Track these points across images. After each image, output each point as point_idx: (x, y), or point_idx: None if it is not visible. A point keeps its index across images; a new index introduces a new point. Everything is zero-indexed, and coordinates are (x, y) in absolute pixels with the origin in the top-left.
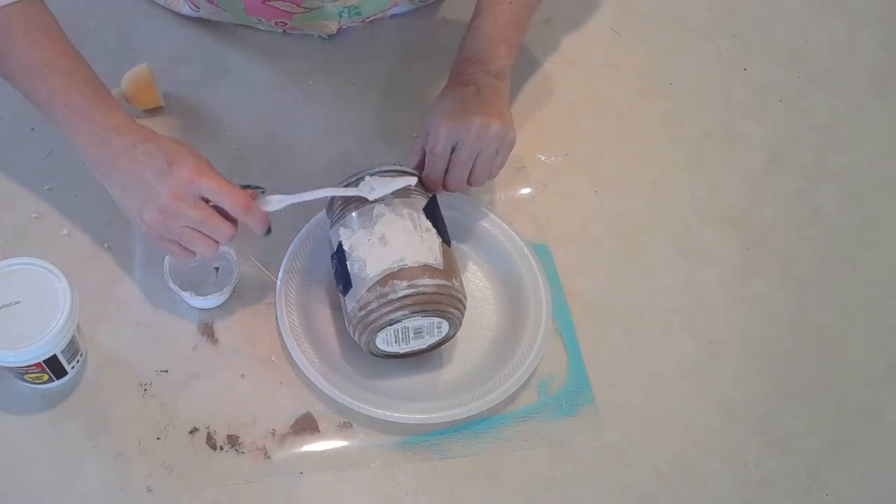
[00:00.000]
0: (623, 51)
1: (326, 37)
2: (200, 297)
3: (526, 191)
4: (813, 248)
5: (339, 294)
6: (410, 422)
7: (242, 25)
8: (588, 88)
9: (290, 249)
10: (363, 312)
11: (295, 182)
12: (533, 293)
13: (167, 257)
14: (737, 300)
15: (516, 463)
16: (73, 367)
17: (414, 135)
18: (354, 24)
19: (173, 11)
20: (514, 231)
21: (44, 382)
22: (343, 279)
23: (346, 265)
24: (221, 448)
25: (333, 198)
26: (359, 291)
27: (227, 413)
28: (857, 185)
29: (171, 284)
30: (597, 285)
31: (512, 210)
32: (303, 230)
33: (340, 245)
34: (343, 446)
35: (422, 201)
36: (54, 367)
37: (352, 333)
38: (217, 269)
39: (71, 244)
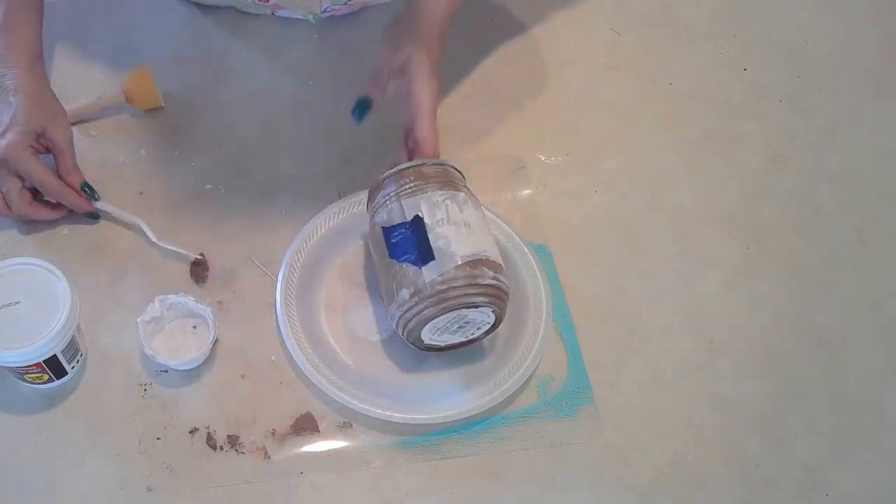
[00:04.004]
0: (623, 51)
1: (314, 20)
2: (178, 360)
3: (526, 191)
4: (813, 249)
5: (406, 264)
6: (410, 422)
7: (237, 10)
8: (588, 88)
9: (290, 249)
10: (445, 286)
11: (295, 182)
12: (533, 293)
13: (142, 318)
14: (737, 300)
15: (516, 463)
16: (73, 367)
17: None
18: (340, 3)
19: (172, 8)
20: (514, 231)
21: (44, 382)
22: (421, 250)
23: (427, 237)
24: (221, 448)
25: (404, 169)
26: (444, 265)
27: (227, 413)
28: (857, 185)
29: (147, 350)
30: (597, 285)
31: (512, 210)
32: (303, 230)
33: (420, 217)
34: (343, 446)
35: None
36: (54, 367)
37: (410, 308)
38: (195, 327)
39: (71, 244)
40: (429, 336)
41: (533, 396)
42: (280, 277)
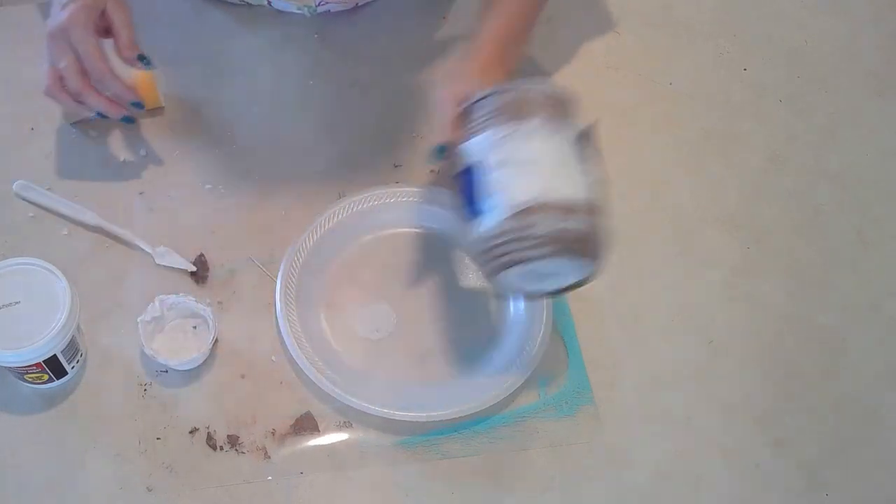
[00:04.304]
0: (623, 51)
1: (309, 14)
2: (178, 360)
3: None
4: (813, 249)
5: (467, 215)
6: (410, 421)
7: (235, 4)
8: (588, 88)
9: (290, 249)
10: (490, 244)
11: (295, 182)
12: None
13: (142, 318)
14: (737, 300)
15: (516, 463)
16: (73, 367)
17: (414, 134)
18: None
19: (172, 7)
20: None
21: (44, 382)
22: (472, 203)
23: (478, 188)
24: (221, 448)
25: (478, 103)
26: (493, 219)
27: (227, 413)
28: (857, 185)
29: (147, 350)
30: (597, 285)
31: None
32: (303, 230)
33: (475, 163)
34: (343, 446)
35: (571, 126)
36: (54, 367)
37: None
38: (195, 327)
39: (71, 244)
40: (517, 282)
41: (533, 396)
42: (280, 277)
